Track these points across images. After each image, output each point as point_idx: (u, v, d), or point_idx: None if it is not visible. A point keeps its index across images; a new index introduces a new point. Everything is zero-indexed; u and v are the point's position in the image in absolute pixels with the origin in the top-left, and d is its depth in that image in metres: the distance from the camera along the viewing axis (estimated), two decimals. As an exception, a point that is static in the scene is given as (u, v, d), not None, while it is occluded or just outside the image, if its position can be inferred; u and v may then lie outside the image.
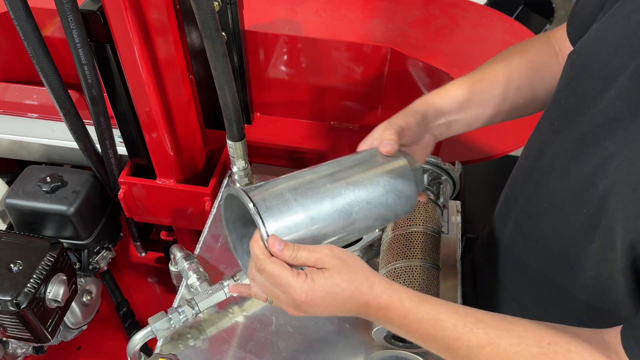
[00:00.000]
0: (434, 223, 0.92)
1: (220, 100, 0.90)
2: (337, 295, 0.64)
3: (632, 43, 0.62)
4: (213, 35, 0.80)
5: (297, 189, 0.66)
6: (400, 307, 0.64)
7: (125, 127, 1.09)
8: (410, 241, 0.88)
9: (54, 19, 1.27)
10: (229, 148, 1.00)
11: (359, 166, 0.71)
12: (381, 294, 0.64)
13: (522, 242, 0.82)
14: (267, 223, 0.63)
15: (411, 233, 0.89)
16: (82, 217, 1.19)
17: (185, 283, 0.95)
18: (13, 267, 1.01)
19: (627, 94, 0.61)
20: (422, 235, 0.89)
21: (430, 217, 0.92)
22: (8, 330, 1.04)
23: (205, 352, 0.89)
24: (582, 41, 0.71)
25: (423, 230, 0.90)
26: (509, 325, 0.61)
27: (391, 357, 0.87)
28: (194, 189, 1.14)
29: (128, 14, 0.86)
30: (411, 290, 0.66)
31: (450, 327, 0.62)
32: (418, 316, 0.63)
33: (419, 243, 0.88)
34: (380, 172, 0.71)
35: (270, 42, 1.24)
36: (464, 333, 0.62)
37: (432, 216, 0.92)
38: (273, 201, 0.64)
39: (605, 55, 0.65)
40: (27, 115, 1.31)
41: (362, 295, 0.64)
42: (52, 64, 0.95)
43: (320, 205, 0.66)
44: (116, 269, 1.56)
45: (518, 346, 0.60)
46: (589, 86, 0.67)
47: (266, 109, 1.38)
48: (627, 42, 0.63)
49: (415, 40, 1.28)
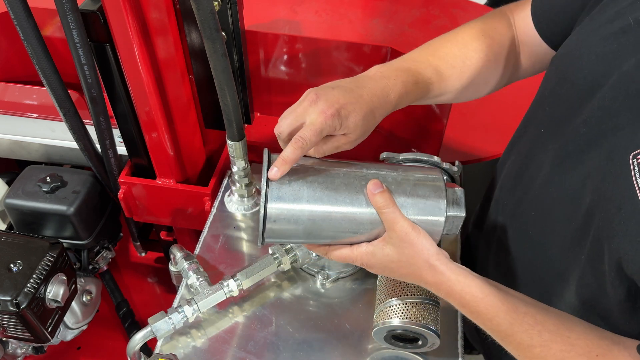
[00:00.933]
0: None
1: (220, 100, 0.90)
2: (393, 271, 0.72)
3: (614, 51, 0.62)
4: (213, 35, 0.80)
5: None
6: (460, 298, 0.68)
7: (125, 127, 1.09)
8: None
9: (53, 18, 1.27)
10: (229, 148, 1.00)
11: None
12: (443, 282, 0.68)
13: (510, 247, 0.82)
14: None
15: None
16: (82, 217, 1.19)
17: (185, 283, 0.95)
18: (13, 267, 1.01)
19: (609, 105, 0.61)
20: None
21: None
22: (8, 330, 1.04)
23: (205, 352, 0.89)
24: (566, 45, 0.71)
25: None
26: (565, 332, 0.63)
27: (391, 357, 0.87)
28: (194, 189, 1.14)
29: (128, 14, 0.86)
30: (476, 279, 0.68)
31: (506, 325, 0.65)
32: (477, 309, 0.67)
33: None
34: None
35: (270, 42, 1.24)
36: (518, 332, 0.64)
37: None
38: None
39: (587, 62, 0.65)
40: (27, 115, 1.31)
41: (421, 278, 0.70)
42: (52, 64, 0.95)
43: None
44: (116, 269, 1.56)
45: (568, 353, 0.61)
46: (573, 94, 0.67)
47: (266, 109, 1.38)
48: (609, 49, 0.62)
49: (415, 40, 1.27)
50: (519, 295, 0.68)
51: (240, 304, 0.95)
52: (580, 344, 0.61)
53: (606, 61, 0.62)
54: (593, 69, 0.64)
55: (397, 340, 0.85)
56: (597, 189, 0.61)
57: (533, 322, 0.64)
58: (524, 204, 0.78)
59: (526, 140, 0.79)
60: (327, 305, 0.95)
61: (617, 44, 0.62)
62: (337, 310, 0.94)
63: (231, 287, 0.90)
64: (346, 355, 0.88)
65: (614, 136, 0.60)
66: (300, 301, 0.95)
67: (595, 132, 0.63)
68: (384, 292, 0.84)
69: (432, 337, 0.80)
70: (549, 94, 0.73)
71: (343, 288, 0.97)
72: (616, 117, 0.60)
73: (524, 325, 0.64)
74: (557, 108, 0.71)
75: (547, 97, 0.74)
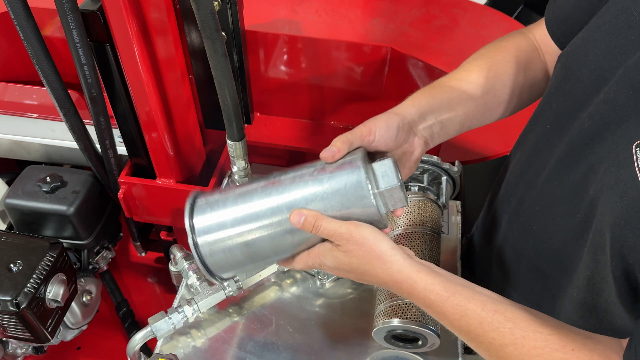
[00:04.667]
0: (433, 223, 0.92)
1: (220, 100, 0.90)
2: (349, 273, 0.68)
3: (620, 45, 0.62)
4: (213, 35, 0.80)
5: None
6: (424, 298, 0.64)
7: (125, 127, 1.09)
8: (410, 241, 0.88)
9: (53, 18, 1.26)
10: (228, 148, 1.00)
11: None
12: (402, 280, 0.64)
13: (514, 243, 0.82)
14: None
15: (411, 233, 0.89)
16: (82, 217, 1.19)
17: (185, 283, 0.95)
18: (13, 267, 1.01)
19: (614, 99, 0.61)
20: (421, 235, 0.89)
21: (430, 217, 0.92)
22: (8, 330, 1.04)
23: (205, 352, 0.89)
24: (572, 43, 0.71)
25: (422, 230, 0.90)
26: (537, 328, 0.61)
27: (391, 357, 0.87)
28: (194, 189, 1.14)
29: (128, 14, 0.86)
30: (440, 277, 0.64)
31: (475, 324, 0.62)
32: (443, 309, 0.64)
33: (419, 243, 0.88)
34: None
35: (270, 42, 1.24)
36: (489, 331, 0.62)
37: (431, 216, 0.92)
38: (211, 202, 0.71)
39: (593, 57, 0.65)
40: (27, 115, 1.31)
41: (378, 278, 0.66)
42: (52, 64, 0.95)
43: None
44: (116, 269, 1.56)
45: (542, 349, 0.60)
46: (579, 90, 0.67)
47: (266, 109, 1.38)
48: (614, 44, 0.62)
49: (415, 40, 1.27)
50: (486, 291, 0.65)
51: (240, 304, 0.95)
52: (553, 339, 0.60)
53: (612, 56, 0.63)
54: (599, 64, 0.64)
55: (397, 340, 0.85)
56: (600, 179, 0.61)
57: (503, 319, 0.61)
58: (528, 200, 0.78)
59: (532, 138, 0.79)
60: (327, 305, 0.95)
61: (622, 39, 0.62)
62: (337, 310, 0.94)
63: (231, 287, 0.90)
64: (346, 356, 0.88)
65: (618, 128, 0.60)
66: (300, 301, 0.95)
67: (600, 126, 0.63)
68: (385, 292, 0.84)
69: (432, 337, 0.80)
70: (555, 91, 0.73)
71: (343, 288, 0.97)
72: (621, 109, 0.60)
73: (494, 324, 0.61)
74: (563, 104, 0.71)
75: (553, 94, 0.74)
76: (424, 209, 0.92)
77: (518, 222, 0.81)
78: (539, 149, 0.76)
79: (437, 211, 0.94)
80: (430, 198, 0.94)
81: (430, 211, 0.92)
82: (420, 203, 0.93)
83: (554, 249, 0.73)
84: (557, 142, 0.71)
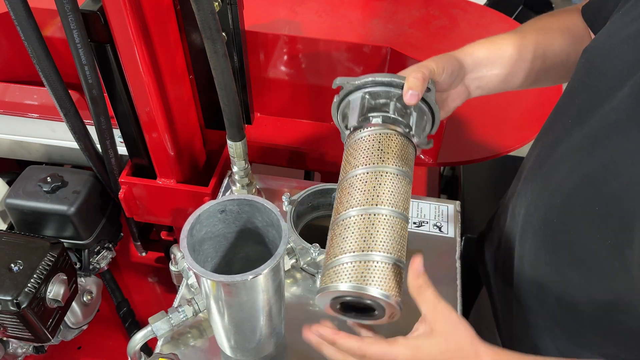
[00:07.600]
0: (405, 164, 0.73)
1: (220, 100, 0.90)
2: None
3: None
4: (213, 36, 0.80)
5: None
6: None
7: (126, 127, 1.09)
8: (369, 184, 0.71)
9: (54, 19, 1.27)
10: (229, 148, 1.00)
11: None
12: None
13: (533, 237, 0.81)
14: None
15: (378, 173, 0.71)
16: (83, 217, 1.19)
17: (186, 283, 0.95)
18: (13, 267, 1.01)
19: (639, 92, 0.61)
20: (392, 176, 0.71)
21: (400, 154, 0.73)
22: (8, 330, 1.04)
23: (206, 352, 0.89)
24: (596, 38, 0.71)
25: (394, 171, 0.71)
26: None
27: None
28: (194, 189, 1.14)
29: (128, 14, 0.86)
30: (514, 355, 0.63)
31: None
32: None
33: (388, 187, 0.70)
34: None
35: (270, 42, 1.24)
36: None
37: (396, 153, 0.73)
38: None
39: (619, 52, 0.65)
40: (27, 115, 1.31)
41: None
42: (52, 64, 0.95)
43: None
44: (116, 269, 1.56)
45: None
46: (603, 83, 0.67)
47: (266, 109, 1.38)
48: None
49: (415, 40, 1.28)
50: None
51: (240, 304, 0.95)
52: None
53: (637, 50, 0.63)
54: (624, 59, 0.64)
55: (347, 310, 0.71)
56: (627, 172, 0.61)
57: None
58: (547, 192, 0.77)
59: (552, 134, 0.79)
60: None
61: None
62: (337, 310, 0.94)
63: (231, 286, 0.90)
64: (346, 355, 0.88)
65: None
66: (300, 301, 0.95)
67: (624, 119, 0.63)
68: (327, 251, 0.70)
69: (390, 305, 0.65)
70: (579, 86, 0.73)
71: (343, 288, 0.97)
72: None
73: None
74: (586, 98, 0.70)
75: (576, 89, 0.73)
76: (394, 143, 0.73)
77: (537, 215, 0.80)
78: (559, 142, 0.75)
79: (410, 149, 0.75)
80: (397, 130, 0.74)
81: (395, 146, 0.73)
82: (390, 135, 0.74)
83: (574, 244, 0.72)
84: (577, 134, 0.70)
